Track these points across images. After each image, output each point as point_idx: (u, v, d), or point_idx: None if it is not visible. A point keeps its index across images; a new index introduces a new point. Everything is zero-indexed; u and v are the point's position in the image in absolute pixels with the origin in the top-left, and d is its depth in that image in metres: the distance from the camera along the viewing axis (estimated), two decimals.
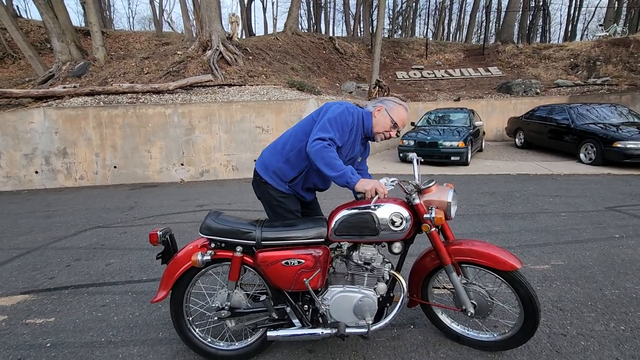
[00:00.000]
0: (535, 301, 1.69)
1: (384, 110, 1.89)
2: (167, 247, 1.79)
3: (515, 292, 1.73)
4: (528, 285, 1.70)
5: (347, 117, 1.79)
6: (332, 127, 1.73)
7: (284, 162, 1.89)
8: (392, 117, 1.89)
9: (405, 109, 1.94)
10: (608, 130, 7.23)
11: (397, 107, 1.91)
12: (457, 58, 17.41)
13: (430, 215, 1.67)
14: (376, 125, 1.90)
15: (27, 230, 4.33)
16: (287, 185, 1.92)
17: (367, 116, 1.91)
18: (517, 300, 1.74)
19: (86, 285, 2.84)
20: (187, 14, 16.25)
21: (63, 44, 10.43)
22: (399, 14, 35.71)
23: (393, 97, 1.99)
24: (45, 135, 6.81)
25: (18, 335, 2.17)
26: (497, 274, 1.74)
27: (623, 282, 2.59)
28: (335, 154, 1.69)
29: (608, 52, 14.52)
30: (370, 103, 1.99)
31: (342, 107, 1.82)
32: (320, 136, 1.69)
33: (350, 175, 1.66)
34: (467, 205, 4.74)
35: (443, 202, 1.71)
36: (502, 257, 1.70)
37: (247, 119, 7.39)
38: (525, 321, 1.74)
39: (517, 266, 1.67)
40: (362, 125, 1.90)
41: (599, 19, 28.17)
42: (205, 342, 1.88)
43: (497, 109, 12.51)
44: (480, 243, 1.79)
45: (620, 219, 4.01)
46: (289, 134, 1.95)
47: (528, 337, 1.77)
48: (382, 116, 1.89)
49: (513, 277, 1.70)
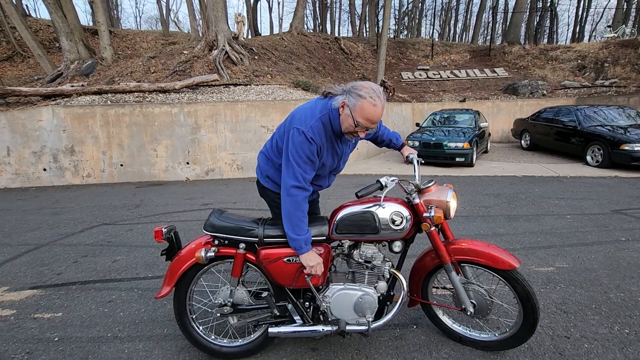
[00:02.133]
0: (533, 298, 1.71)
1: (347, 107, 1.56)
2: (172, 244, 1.82)
3: (513, 290, 1.75)
4: (525, 282, 1.71)
5: (308, 148, 1.58)
6: (299, 167, 1.60)
7: (274, 169, 1.86)
8: (354, 118, 1.54)
9: (372, 103, 1.52)
10: (615, 133, 7.15)
11: (361, 102, 1.52)
12: (463, 59, 17.33)
13: (429, 214, 1.68)
14: (342, 124, 1.62)
15: (35, 226, 4.39)
16: None
17: (334, 116, 1.64)
18: (515, 298, 1.76)
19: (93, 281, 2.89)
20: (193, 14, 16.35)
21: (71, 43, 10.55)
22: (405, 14, 35.62)
23: (361, 85, 1.55)
24: (53, 133, 6.90)
25: (26, 330, 2.22)
26: (495, 273, 1.76)
27: (628, 286, 2.57)
28: (304, 212, 1.64)
29: (616, 54, 14.37)
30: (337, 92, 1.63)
31: (300, 136, 1.57)
32: (291, 184, 1.60)
33: (304, 245, 1.63)
34: (472, 206, 4.72)
35: (442, 201, 1.73)
36: (500, 256, 1.72)
37: (253, 119, 7.42)
38: (525, 319, 1.75)
39: (516, 265, 1.69)
40: (332, 129, 1.66)
41: (608, 20, 27.91)
42: (209, 340, 1.90)
43: (503, 110, 12.43)
44: (479, 242, 1.81)
45: (627, 222, 3.98)
46: (270, 145, 1.88)
47: (529, 335, 1.78)
48: (346, 115, 1.58)
49: (510, 275, 1.72)
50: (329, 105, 1.64)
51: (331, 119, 1.64)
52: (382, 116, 1.61)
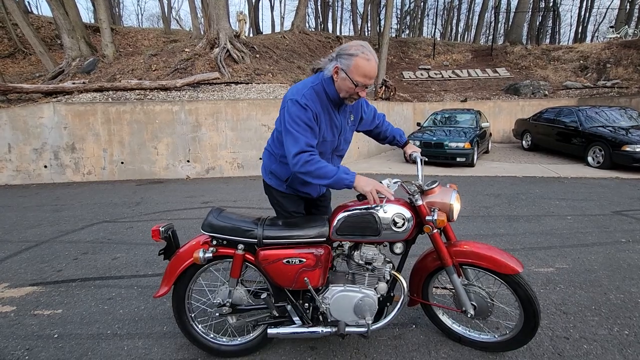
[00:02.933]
0: (535, 302, 1.69)
1: (341, 71, 1.57)
2: (169, 243, 1.81)
3: (514, 294, 1.73)
4: (527, 286, 1.70)
5: (304, 114, 1.58)
6: (299, 133, 1.58)
7: (277, 163, 1.87)
8: (351, 78, 1.55)
9: (365, 58, 1.52)
10: (617, 134, 7.14)
11: (354, 60, 1.52)
12: (464, 58, 17.30)
13: (432, 217, 1.66)
14: (340, 91, 1.63)
15: (35, 223, 4.40)
16: (285, 184, 1.91)
17: (328, 84, 1.64)
18: (516, 301, 1.75)
19: (93, 278, 2.89)
20: (195, 12, 16.34)
21: (73, 40, 10.55)
22: (407, 14, 35.55)
23: (348, 46, 1.57)
24: (54, 130, 6.90)
25: (26, 326, 2.22)
26: (497, 276, 1.74)
27: (628, 287, 2.57)
28: (319, 161, 1.57)
29: (618, 55, 14.33)
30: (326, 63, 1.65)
31: (294, 105, 1.58)
32: (295, 151, 1.57)
33: (344, 175, 1.55)
34: (472, 206, 4.72)
35: (445, 204, 1.71)
36: (503, 260, 1.69)
37: (253, 117, 7.42)
38: (525, 322, 1.74)
39: (519, 270, 1.67)
40: (327, 98, 1.66)
41: (610, 21, 27.82)
42: (208, 338, 1.90)
43: (505, 111, 12.41)
44: (481, 245, 1.79)
45: (628, 223, 3.97)
46: (272, 139, 1.90)
47: (529, 338, 1.77)
48: (342, 79, 1.58)
49: (512, 279, 1.71)
50: (320, 76, 1.66)
51: (325, 87, 1.65)
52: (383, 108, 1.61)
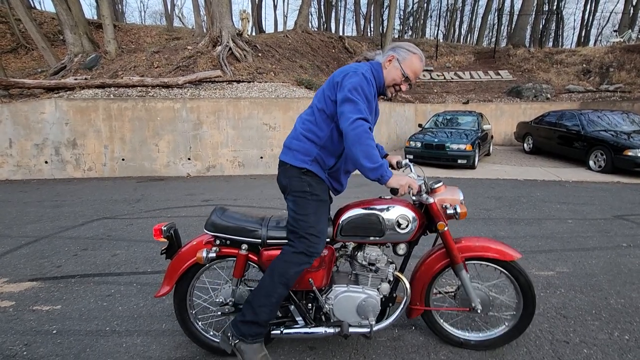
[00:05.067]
0: (532, 287, 1.80)
1: (396, 60, 1.67)
2: (172, 242, 1.79)
3: (515, 281, 1.82)
4: (525, 272, 1.81)
5: (367, 87, 1.57)
6: (361, 102, 1.53)
7: (320, 149, 1.70)
8: (403, 70, 1.66)
9: (420, 58, 1.69)
10: (619, 138, 7.13)
11: (411, 56, 1.67)
12: (467, 60, 17.29)
13: (455, 210, 1.67)
14: (387, 78, 1.69)
15: (35, 218, 4.40)
16: (326, 172, 1.75)
17: (377, 70, 1.68)
18: (515, 289, 1.85)
19: (92, 274, 2.89)
20: (198, 10, 16.36)
21: (75, 36, 10.55)
22: (410, 15, 35.53)
23: (407, 44, 1.72)
24: (55, 126, 6.90)
25: (25, 321, 2.22)
26: (499, 266, 1.81)
27: (629, 292, 2.56)
28: (373, 140, 1.53)
29: (622, 59, 14.31)
30: (379, 54, 1.76)
31: (358, 75, 1.57)
32: (356, 116, 1.49)
33: (386, 169, 1.51)
34: (473, 209, 4.71)
35: (456, 199, 1.72)
36: (504, 249, 1.79)
37: (255, 116, 7.42)
38: (525, 308, 1.83)
39: (519, 255, 1.77)
40: (375, 83, 1.67)
41: (614, 25, 27.77)
42: (208, 336, 1.90)
43: (507, 113, 12.40)
44: (480, 238, 1.87)
45: (629, 228, 3.96)
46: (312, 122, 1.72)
47: (527, 324, 1.86)
48: (394, 68, 1.67)
49: (514, 267, 1.79)
50: (370, 63, 1.71)
51: (374, 74, 1.67)
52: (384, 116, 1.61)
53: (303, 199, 1.66)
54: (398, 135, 11.15)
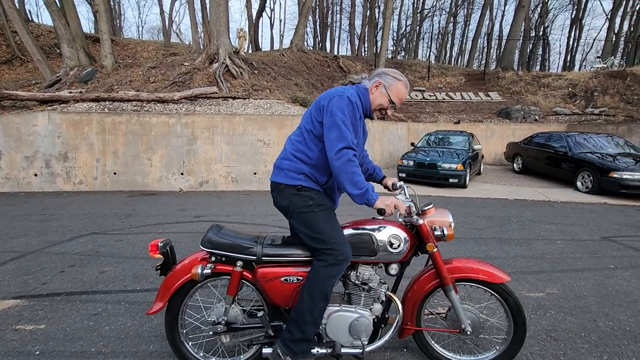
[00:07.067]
0: (522, 310, 1.80)
1: (382, 87, 1.76)
2: (167, 258, 1.79)
3: (504, 304, 1.82)
4: (514, 295, 1.81)
5: (352, 111, 1.64)
6: (347, 128, 1.60)
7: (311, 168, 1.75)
8: (390, 96, 1.75)
9: (405, 85, 1.78)
10: (605, 160, 7.33)
11: (396, 83, 1.76)
12: (458, 82, 17.76)
13: (442, 232, 1.72)
14: (373, 103, 1.78)
15: (22, 233, 4.30)
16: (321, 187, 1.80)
17: (364, 95, 1.76)
18: (505, 312, 1.84)
19: (79, 292, 2.82)
20: (196, 27, 16.62)
21: (72, 50, 10.61)
22: (403, 36, 36.59)
23: (393, 71, 1.81)
24: (47, 139, 6.85)
25: (7, 341, 2.15)
26: (489, 288, 1.82)
27: (617, 314, 2.59)
28: (358, 167, 1.61)
29: (605, 84, 14.85)
30: (365, 78, 1.84)
31: (344, 99, 1.64)
32: (341, 146, 1.57)
33: (371, 193, 1.59)
34: (465, 228, 4.75)
35: (445, 221, 1.77)
36: (493, 271, 1.81)
37: (250, 132, 7.47)
38: (515, 332, 1.82)
39: (508, 278, 1.78)
40: (362, 106, 1.75)
41: (597, 51, 28.94)
42: (198, 357, 1.86)
43: (496, 134, 12.68)
44: (470, 260, 1.89)
45: (616, 249, 4.03)
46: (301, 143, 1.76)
47: (518, 348, 1.85)
48: (381, 94, 1.76)
49: (503, 289, 1.80)
50: (354, 87, 1.78)
51: (361, 98, 1.75)
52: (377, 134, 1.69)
53: (310, 213, 1.69)
54: (391, 153, 11.30)
